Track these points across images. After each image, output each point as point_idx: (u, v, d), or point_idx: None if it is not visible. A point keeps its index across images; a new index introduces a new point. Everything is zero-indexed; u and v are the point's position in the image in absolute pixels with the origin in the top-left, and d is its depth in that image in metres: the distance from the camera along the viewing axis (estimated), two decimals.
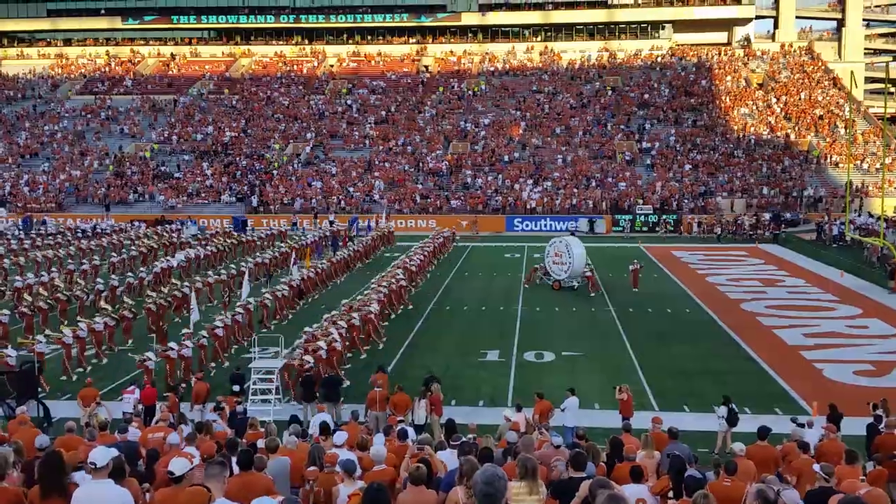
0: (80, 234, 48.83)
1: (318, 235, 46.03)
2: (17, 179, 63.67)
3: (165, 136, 70.07)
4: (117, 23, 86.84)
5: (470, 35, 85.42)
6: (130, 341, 25.25)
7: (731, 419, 16.64)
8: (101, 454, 6.47)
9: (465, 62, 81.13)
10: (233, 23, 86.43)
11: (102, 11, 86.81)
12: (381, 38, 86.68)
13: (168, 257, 38.78)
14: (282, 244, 42.79)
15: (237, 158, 65.64)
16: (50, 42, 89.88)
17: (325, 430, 13.92)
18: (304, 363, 19.48)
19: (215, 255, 40.81)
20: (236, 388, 18.72)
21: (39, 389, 19.53)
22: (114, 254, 40.61)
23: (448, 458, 10.30)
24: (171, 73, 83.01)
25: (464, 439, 11.47)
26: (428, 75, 78.96)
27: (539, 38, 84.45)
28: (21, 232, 50.15)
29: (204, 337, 22.55)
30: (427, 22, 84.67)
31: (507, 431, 13.63)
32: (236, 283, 32.28)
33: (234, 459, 8.99)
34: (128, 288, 31.59)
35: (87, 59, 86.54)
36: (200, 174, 63.77)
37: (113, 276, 34.15)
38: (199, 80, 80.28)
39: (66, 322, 25.90)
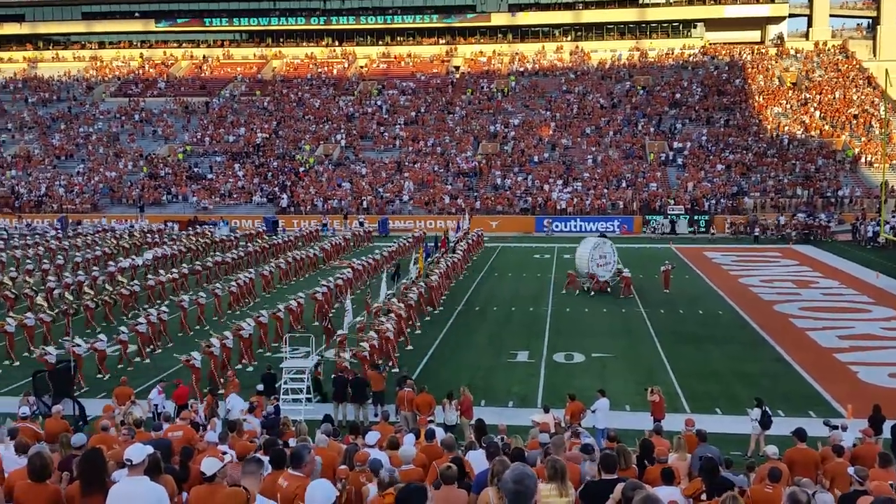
0: (117, 234, 49.43)
1: (345, 236, 46.35)
2: (52, 181, 64.71)
3: (198, 137, 70.84)
4: (151, 25, 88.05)
5: (499, 35, 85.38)
6: (164, 344, 25.58)
7: (765, 422, 16.45)
8: (137, 451, 6.56)
9: (495, 62, 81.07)
10: (264, 25, 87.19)
11: (136, 14, 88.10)
12: (410, 38, 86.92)
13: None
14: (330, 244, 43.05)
15: (268, 159, 66.16)
16: (85, 45, 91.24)
17: (355, 429, 14.04)
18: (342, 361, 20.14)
19: (249, 256, 41.15)
20: (259, 387, 18.85)
21: (75, 388, 19.84)
22: (132, 257, 40.70)
23: (478, 459, 10.30)
24: (203, 75, 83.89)
25: (493, 440, 11.47)
26: (457, 76, 79.02)
27: (569, 38, 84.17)
28: (60, 232, 51.05)
29: (227, 338, 22.69)
30: (456, 22, 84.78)
31: (537, 433, 13.60)
32: (256, 285, 32.51)
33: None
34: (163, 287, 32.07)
35: (121, 61, 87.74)
36: (232, 175, 64.37)
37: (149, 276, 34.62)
38: (231, 82, 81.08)
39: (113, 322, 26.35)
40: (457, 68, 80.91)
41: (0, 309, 28.35)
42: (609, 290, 33.99)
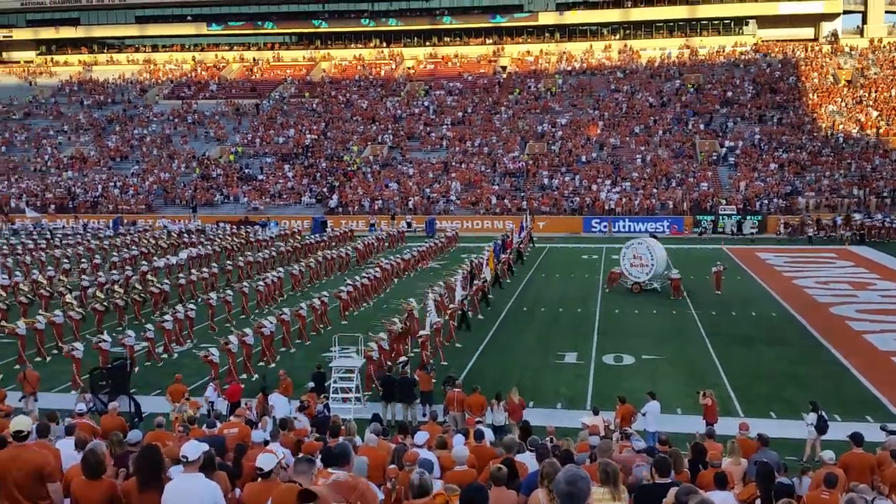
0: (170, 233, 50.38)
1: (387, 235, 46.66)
2: (107, 182, 66.16)
3: (249, 139, 71.84)
4: (203, 29, 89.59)
5: (547, 35, 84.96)
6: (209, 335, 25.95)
7: (821, 426, 16.07)
8: (193, 448, 6.66)
9: (542, 62, 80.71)
10: (314, 27, 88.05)
11: (189, 18, 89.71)
12: (457, 39, 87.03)
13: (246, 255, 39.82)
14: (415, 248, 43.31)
15: (317, 160, 66.80)
16: (138, 48, 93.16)
17: (404, 429, 14.08)
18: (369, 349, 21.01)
19: (280, 255, 41.62)
20: (310, 385, 19.01)
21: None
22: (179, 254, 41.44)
23: (526, 461, 10.25)
24: (254, 77, 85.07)
25: (542, 442, 11.41)
26: (504, 76, 78.86)
27: (618, 37, 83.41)
28: (110, 232, 52.25)
29: (247, 335, 22.91)
30: (504, 22, 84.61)
31: (586, 436, 13.49)
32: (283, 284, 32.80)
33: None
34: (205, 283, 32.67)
35: (174, 64, 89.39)
36: (282, 176, 65.13)
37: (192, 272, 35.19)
38: (280, 84, 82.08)
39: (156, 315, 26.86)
40: (504, 68, 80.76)
41: (35, 307, 28.98)
42: (644, 289, 33.68)
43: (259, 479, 7.21)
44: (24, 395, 18.65)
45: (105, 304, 28.73)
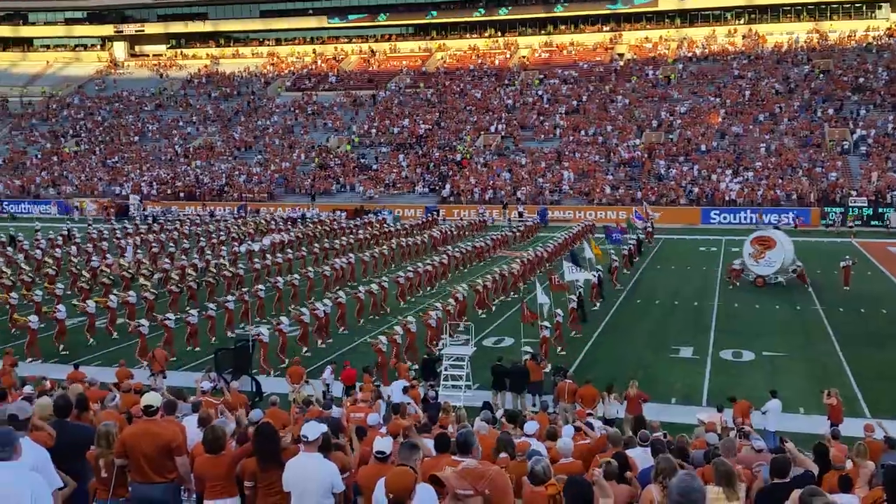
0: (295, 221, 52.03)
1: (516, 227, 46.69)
2: (232, 171, 68.88)
3: (365, 129, 73.26)
4: (323, 22, 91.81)
5: (666, 20, 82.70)
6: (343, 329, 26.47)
7: None
8: (313, 428, 6.90)
9: (661, 48, 78.67)
10: (430, 18, 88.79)
11: (310, 11, 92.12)
12: (573, 27, 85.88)
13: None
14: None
15: (430, 150, 67.46)
16: (262, 41, 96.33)
17: (513, 418, 14.09)
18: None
19: (360, 243, 42.23)
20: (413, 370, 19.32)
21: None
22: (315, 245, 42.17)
23: (639, 456, 10.09)
24: (371, 68, 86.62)
25: (655, 436, 11.20)
26: (621, 63, 77.35)
27: (742, 21, 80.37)
28: (235, 217, 54.55)
29: (304, 314, 23.67)
30: (622, 9, 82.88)
31: (702, 432, 13.17)
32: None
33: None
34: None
35: (296, 57, 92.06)
36: (396, 166, 66.14)
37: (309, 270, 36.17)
38: (396, 75, 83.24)
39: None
40: (620, 55, 79.20)
41: (116, 288, 30.39)
42: (767, 283, 32.39)
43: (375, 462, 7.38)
44: (153, 374, 19.71)
45: (179, 286, 30.10)
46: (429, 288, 32.15)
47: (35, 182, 70.63)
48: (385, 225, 49.73)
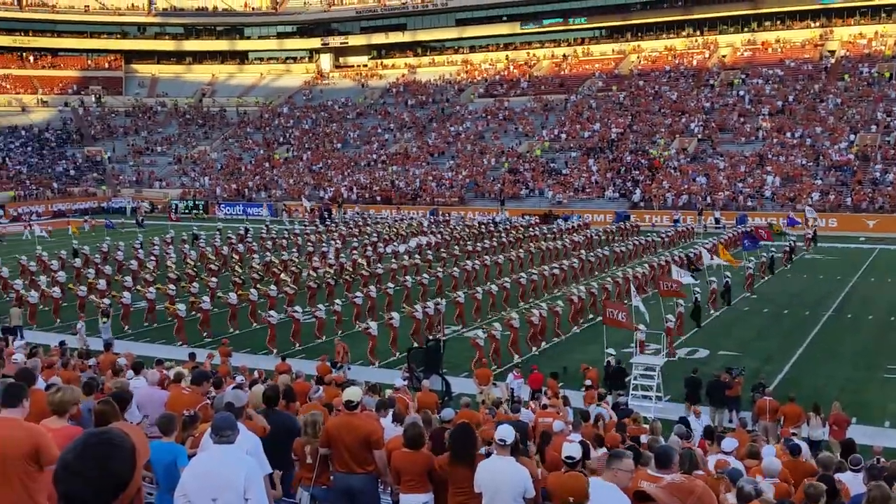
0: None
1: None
2: (425, 176, 70.95)
3: (555, 134, 73.07)
4: (516, 28, 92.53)
5: (882, 14, 76.29)
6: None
7: None
8: (508, 432, 6.98)
9: (876, 44, 72.69)
10: (625, 19, 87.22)
11: (504, 18, 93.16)
12: (779, 23, 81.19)
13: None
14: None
15: (622, 154, 66.20)
16: (457, 49, 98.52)
17: (709, 433, 13.58)
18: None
19: (501, 246, 42.12)
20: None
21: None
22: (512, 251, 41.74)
23: (849, 481, 9.42)
24: (562, 73, 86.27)
25: (869, 463, 10.39)
26: (832, 61, 72.25)
27: None
28: (428, 222, 56.25)
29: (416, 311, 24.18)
30: (834, 3, 77.38)
31: None
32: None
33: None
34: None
35: (489, 63, 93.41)
36: (586, 170, 65.44)
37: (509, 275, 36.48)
38: (588, 79, 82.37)
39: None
40: (832, 52, 73.96)
41: (267, 285, 31.73)
42: None
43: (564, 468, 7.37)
44: (338, 365, 20.83)
45: (317, 282, 31.59)
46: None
47: (248, 186, 76.17)
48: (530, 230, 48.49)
